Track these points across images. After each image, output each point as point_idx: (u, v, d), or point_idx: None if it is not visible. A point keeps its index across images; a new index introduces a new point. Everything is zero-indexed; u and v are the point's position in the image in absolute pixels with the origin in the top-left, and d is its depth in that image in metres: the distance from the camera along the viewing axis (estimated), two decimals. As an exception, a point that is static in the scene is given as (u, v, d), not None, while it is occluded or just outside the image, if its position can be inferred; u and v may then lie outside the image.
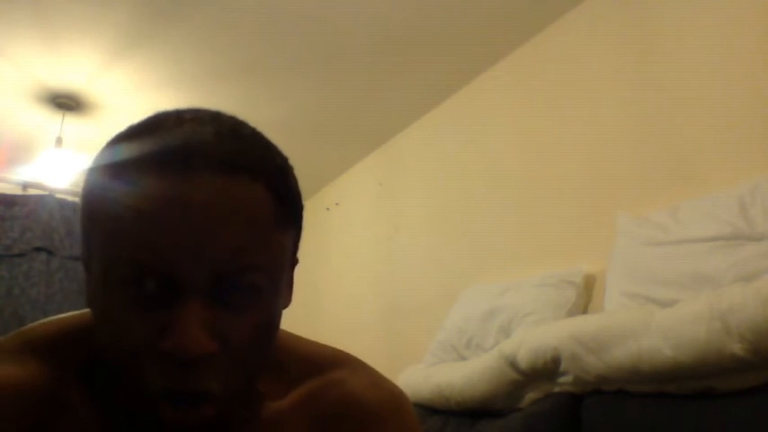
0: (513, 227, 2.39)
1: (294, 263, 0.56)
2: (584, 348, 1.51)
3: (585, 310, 1.92)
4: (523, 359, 1.66)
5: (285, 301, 0.53)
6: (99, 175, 0.48)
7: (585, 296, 1.94)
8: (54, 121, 3.09)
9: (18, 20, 2.41)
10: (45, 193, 2.99)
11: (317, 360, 0.61)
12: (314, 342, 0.63)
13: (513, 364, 1.69)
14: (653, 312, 1.43)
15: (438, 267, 2.75)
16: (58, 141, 3.08)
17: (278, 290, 0.50)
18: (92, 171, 0.50)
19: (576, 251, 2.07)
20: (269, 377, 0.57)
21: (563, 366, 1.57)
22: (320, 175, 3.74)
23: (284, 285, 0.52)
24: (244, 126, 0.51)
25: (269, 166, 0.49)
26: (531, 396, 1.69)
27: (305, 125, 3.17)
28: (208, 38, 2.53)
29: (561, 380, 1.61)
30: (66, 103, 2.98)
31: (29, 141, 3.32)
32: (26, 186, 3.06)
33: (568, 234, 2.13)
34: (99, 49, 2.59)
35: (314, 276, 3.61)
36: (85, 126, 3.16)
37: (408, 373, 2.17)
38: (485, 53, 2.59)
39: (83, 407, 0.52)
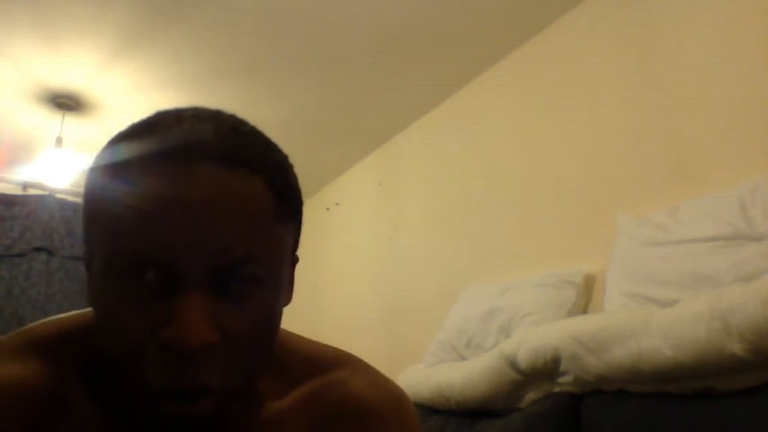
0: (513, 227, 2.39)
1: (294, 261, 0.56)
2: (584, 348, 1.51)
3: (585, 310, 1.92)
4: (523, 359, 1.66)
5: (286, 299, 0.53)
6: (100, 174, 0.49)
7: (585, 296, 1.94)
8: (54, 121, 3.09)
9: (18, 20, 2.41)
10: (45, 193, 2.99)
11: (317, 360, 0.61)
12: (315, 342, 0.63)
13: (513, 364, 1.69)
14: (653, 312, 1.43)
15: (438, 267, 2.75)
16: (58, 141, 3.08)
17: (278, 284, 0.50)
18: (93, 170, 0.50)
19: (576, 251, 2.07)
20: (269, 377, 0.57)
21: (563, 366, 1.58)
22: (320, 175, 3.74)
23: (284, 281, 0.52)
24: (243, 124, 0.51)
25: (269, 161, 0.49)
26: (531, 396, 1.69)
27: (305, 125, 3.17)
28: (208, 38, 2.53)
29: (561, 380, 1.61)
30: (66, 103, 2.98)
31: (29, 141, 3.32)
32: (26, 186, 3.07)
33: (568, 234, 2.13)
34: (99, 49, 2.60)
35: (314, 276, 3.61)
36: (85, 126, 3.16)
37: (408, 373, 2.17)
38: (485, 53, 2.59)
39: (84, 406, 0.52)
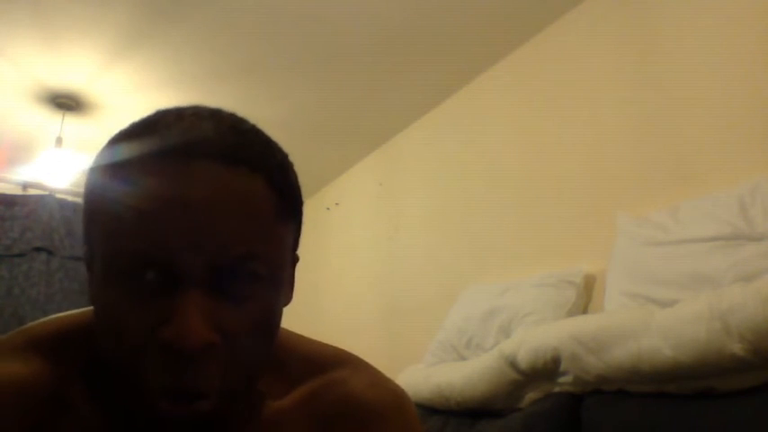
0: (513, 227, 2.39)
1: (295, 260, 0.56)
2: (584, 348, 1.51)
3: (585, 310, 1.92)
4: (523, 359, 1.66)
5: (286, 298, 0.53)
6: (100, 174, 0.48)
7: (585, 296, 1.94)
8: (54, 121, 3.09)
9: (18, 20, 2.41)
10: (45, 193, 2.99)
11: (318, 359, 0.60)
12: (315, 341, 0.63)
13: (513, 364, 1.69)
14: (653, 312, 1.43)
15: (438, 267, 2.75)
16: (58, 141, 3.08)
17: (278, 284, 0.50)
18: (93, 170, 0.50)
19: (576, 251, 2.07)
20: (270, 376, 0.57)
21: (563, 366, 1.57)
22: (320, 175, 3.74)
23: (285, 281, 0.51)
24: (243, 122, 0.51)
25: (269, 160, 0.49)
26: (531, 396, 1.69)
27: (305, 125, 3.17)
28: (208, 38, 2.53)
29: (561, 380, 1.60)
30: (66, 103, 2.98)
31: (29, 141, 3.32)
32: (26, 186, 3.06)
33: (568, 234, 2.13)
34: (99, 49, 2.60)
35: (314, 276, 3.61)
36: (85, 126, 3.16)
37: (408, 373, 2.17)
38: (485, 53, 2.59)
39: (84, 406, 0.52)
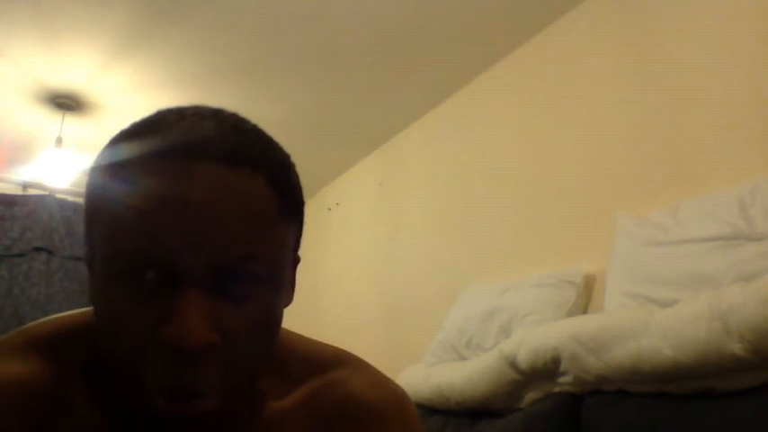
0: (513, 227, 2.39)
1: (296, 261, 0.55)
2: (584, 348, 1.51)
3: (585, 310, 1.92)
4: (523, 359, 1.66)
5: (287, 299, 0.53)
6: (101, 173, 0.48)
7: (585, 296, 1.94)
8: (54, 121, 3.09)
9: (18, 20, 2.41)
10: (45, 193, 2.99)
11: (318, 359, 0.60)
12: (316, 341, 0.63)
13: (513, 364, 1.69)
14: (653, 312, 1.43)
15: (438, 267, 2.75)
16: (58, 141, 3.08)
17: (279, 284, 0.49)
18: (94, 170, 0.50)
19: (576, 251, 2.07)
20: (270, 376, 0.57)
21: (563, 366, 1.57)
22: (320, 175, 3.74)
23: (285, 281, 0.51)
24: (245, 122, 0.51)
25: (270, 160, 0.49)
26: (531, 396, 1.69)
27: (305, 125, 3.17)
28: (208, 38, 2.53)
29: (561, 380, 1.60)
30: (66, 103, 2.98)
31: (29, 141, 3.32)
32: (26, 186, 3.06)
33: (568, 234, 2.13)
34: (99, 49, 2.60)
35: (314, 276, 3.61)
36: (85, 126, 3.16)
37: (408, 373, 2.17)
38: (485, 53, 2.59)
39: (84, 406, 0.52)
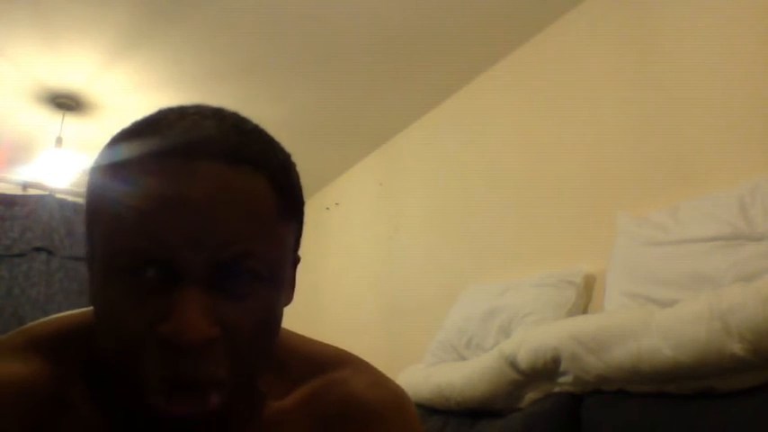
0: (513, 227, 2.39)
1: (296, 260, 0.55)
2: (584, 348, 1.51)
3: (585, 310, 1.92)
4: (523, 359, 1.66)
5: (287, 298, 0.53)
6: (102, 172, 0.48)
7: (585, 296, 1.94)
8: (54, 121, 3.09)
9: (18, 20, 2.40)
10: (45, 193, 2.99)
11: (319, 359, 0.60)
12: (316, 341, 0.63)
13: (513, 364, 1.69)
14: (653, 312, 1.43)
15: (438, 267, 2.75)
16: (58, 141, 3.08)
17: (278, 283, 0.50)
18: (95, 169, 0.50)
19: (576, 251, 2.07)
20: (271, 376, 0.57)
21: (563, 366, 1.57)
22: (320, 175, 3.74)
23: (285, 281, 0.51)
24: (246, 121, 0.51)
25: (271, 159, 0.49)
26: (531, 396, 1.69)
27: (305, 125, 3.17)
28: (208, 38, 2.53)
29: (561, 380, 1.61)
30: (66, 103, 2.98)
31: (29, 141, 3.32)
32: (26, 186, 3.06)
33: (568, 234, 2.13)
34: (99, 49, 2.59)
35: (314, 276, 3.61)
36: (85, 126, 3.16)
37: (408, 373, 2.17)
38: (485, 53, 2.59)
39: (84, 406, 0.52)
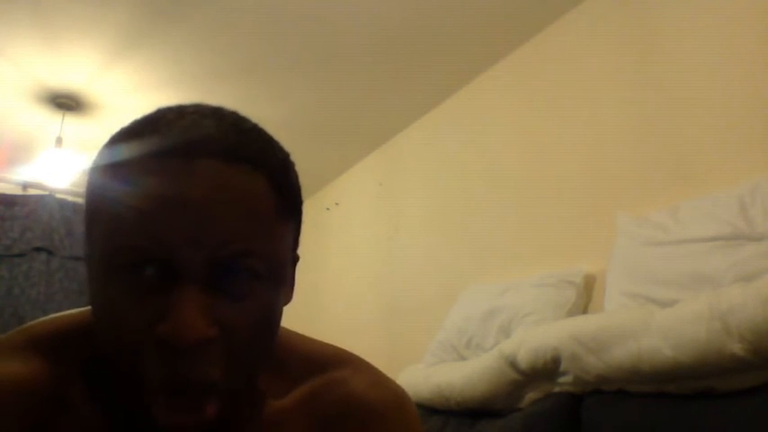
0: (513, 227, 2.39)
1: (295, 260, 0.55)
2: (584, 348, 1.51)
3: (585, 310, 1.92)
4: (523, 359, 1.66)
5: (286, 298, 0.53)
6: (101, 172, 0.48)
7: (585, 296, 1.94)
8: (54, 121, 3.09)
9: (18, 20, 2.40)
10: (45, 193, 2.99)
11: (318, 359, 0.60)
12: (316, 341, 0.63)
13: (513, 364, 1.69)
14: (653, 312, 1.43)
15: (438, 267, 2.75)
16: (58, 141, 3.08)
17: (278, 282, 0.49)
18: (94, 169, 0.50)
19: (576, 251, 2.07)
20: (270, 375, 0.57)
21: (563, 366, 1.57)
22: (320, 175, 3.74)
23: (284, 280, 0.51)
24: (245, 120, 0.51)
25: (270, 158, 0.49)
26: (531, 396, 1.69)
27: (305, 125, 3.17)
28: (208, 38, 2.53)
29: (561, 380, 1.61)
30: (66, 103, 2.98)
31: (29, 141, 3.32)
32: (26, 186, 3.06)
33: (568, 234, 2.13)
34: (99, 49, 2.59)
35: (314, 276, 3.61)
36: (85, 126, 3.16)
37: (408, 373, 2.17)
38: (485, 53, 2.59)
39: (84, 406, 0.52)
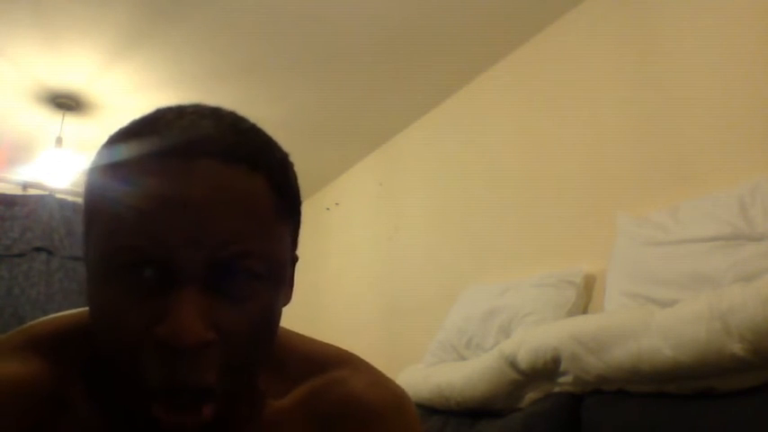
0: (513, 227, 2.39)
1: (294, 260, 0.55)
2: (584, 348, 1.51)
3: (585, 310, 1.92)
4: (523, 359, 1.66)
5: (285, 298, 0.53)
6: (100, 172, 0.48)
7: (585, 296, 1.94)
8: (54, 121, 3.09)
9: (18, 20, 2.41)
10: (45, 193, 2.99)
11: (318, 359, 0.60)
12: (316, 340, 0.63)
13: (513, 364, 1.69)
14: (653, 312, 1.43)
15: (438, 267, 2.75)
16: (58, 141, 3.08)
17: (277, 283, 0.49)
18: (93, 169, 0.50)
19: (576, 251, 2.07)
20: (270, 375, 0.57)
21: (563, 366, 1.57)
22: (320, 175, 3.74)
23: (284, 280, 0.51)
24: (243, 120, 0.51)
25: (269, 158, 0.49)
26: (531, 396, 1.69)
27: (305, 125, 3.17)
28: (208, 38, 2.53)
29: (561, 380, 1.60)
30: (66, 103, 2.98)
31: (29, 141, 3.32)
32: (26, 186, 3.07)
33: (568, 234, 2.13)
34: (99, 49, 2.59)
35: (314, 276, 3.61)
36: (85, 126, 3.16)
37: (408, 373, 2.17)
38: (485, 53, 2.59)
39: (83, 406, 0.52)
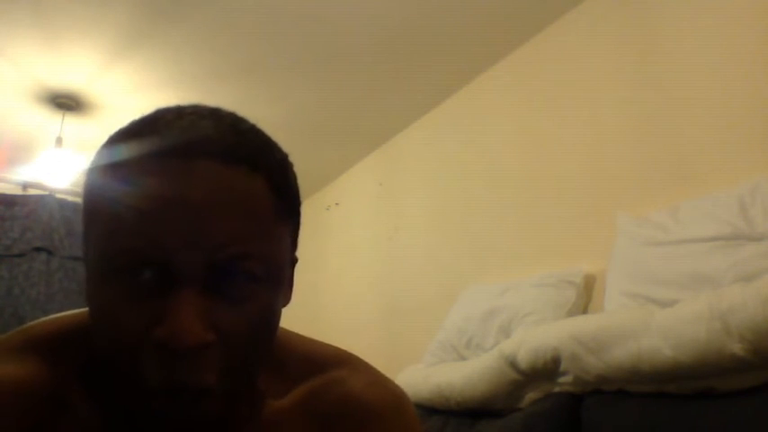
0: (513, 227, 2.39)
1: (294, 261, 0.55)
2: (584, 348, 1.51)
3: (585, 310, 1.92)
4: (523, 359, 1.66)
5: (285, 299, 0.53)
6: (99, 172, 0.48)
7: (585, 296, 1.94)
8: (54, 121, 3.10)
9: (18, 20, 2.41)
10: (45, 193, 2.99)
11: (317, 359, 0.60)
12: (315, 341, 0.63)
13: (513, 364, 1.69)
14: (653, 312, 1.43)
15: (438, 267, 2.75)
16: (58, 141, 3.08)
17: (276, 284, 0.49)
18: (92, 169, 0.50)
19: (576, 251, 2.07)
20: (269, 375, 0.57)
21: (563, 366, 1.57)
22: (320, 175, 3.74)
23: (283, 281, 0.51)
24: (243, 121, 0.51)
25: (268, 159, 0.49)
26: (531, 396, 1.69)
27: (305, 125, 3.17)
28: (208, 38, 2.53)
29: (561, 380, 1.60)
30: (66, 103, 2.98)
31: (29, 141, 3.32)
32: (26, 186, 3.07)
33: (568, 234, 2.13)
34: (99, 49, 2.60)
35: (314, 276, 3.61)
36: (85, 126, 3.16)
37: (408, 373, 2.17)
38: (485, 53, 2.59)
39: (83, 406, 0.52)
